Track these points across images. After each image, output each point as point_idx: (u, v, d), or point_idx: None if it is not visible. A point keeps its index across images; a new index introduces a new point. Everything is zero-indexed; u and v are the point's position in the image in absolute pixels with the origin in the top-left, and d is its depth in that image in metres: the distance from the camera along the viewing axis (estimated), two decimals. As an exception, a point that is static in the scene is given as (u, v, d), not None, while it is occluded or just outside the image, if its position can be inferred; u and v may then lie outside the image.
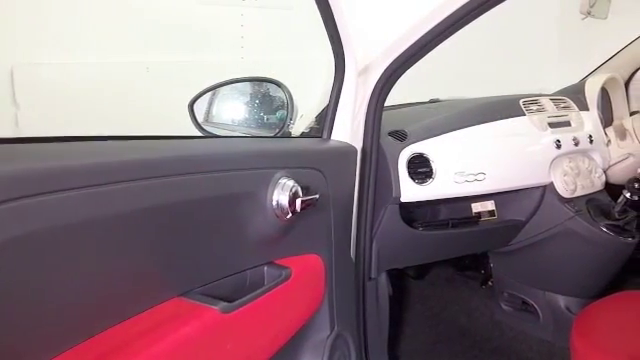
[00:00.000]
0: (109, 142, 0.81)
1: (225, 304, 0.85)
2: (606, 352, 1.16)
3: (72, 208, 0.65)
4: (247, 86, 1.36)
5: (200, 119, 1.27)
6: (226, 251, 0.92)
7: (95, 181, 0.68)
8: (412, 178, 1.43)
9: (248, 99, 1.35)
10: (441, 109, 1.71)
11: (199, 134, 1.24)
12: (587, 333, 1.25)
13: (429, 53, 1.22)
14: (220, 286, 0.91)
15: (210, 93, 1.30)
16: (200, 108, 1.28)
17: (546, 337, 1.88)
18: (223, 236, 0.90)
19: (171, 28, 2.49)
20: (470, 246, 1.81)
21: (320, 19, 1.10)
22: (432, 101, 2.01)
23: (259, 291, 0.93)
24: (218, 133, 1.27)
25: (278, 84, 1.30)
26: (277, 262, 1.03)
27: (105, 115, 2.15)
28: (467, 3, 1.08)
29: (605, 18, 1.65)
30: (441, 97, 2.04)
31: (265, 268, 1.01)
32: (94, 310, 0.72)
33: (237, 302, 0.88)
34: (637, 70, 1.97)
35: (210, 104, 1.31)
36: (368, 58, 1.26)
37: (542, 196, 1.70)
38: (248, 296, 0.90)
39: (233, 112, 1.36)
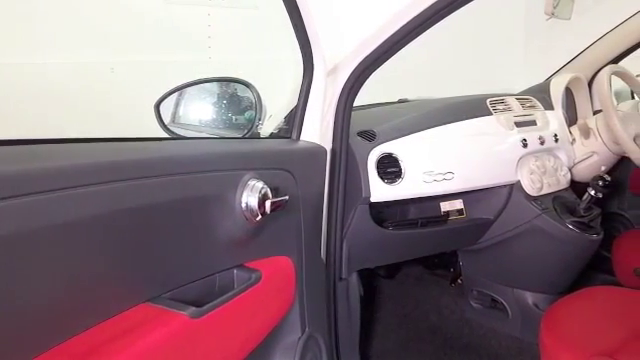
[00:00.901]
0: (71, 145, 0.79)
1: (194, 309, 0.83)
2: (574, 347, 1.17)
3: (34, 213, 0.63)
4: (215, 86, 1.34)
5: (167, 120, 1.25)
6: (194, 255, 0.90)
7: (58, 185, 0.66)
8: (381, 178, 1.43)
9: (216, 100, 1.33)
10: (409, 109, 1.71)
11: (165, 135, 1.22)
12: (555, 329, 1.27)
13: (397, 53, 1.22)
14: (189, 291, 0.90)
15: (177, 94, 1.28)
16: (166, 109, 1.26)
17: (515, 333, 1.90)
18: (191, 239, 0.88)
19: (137, 28, 2.46)
20: (439, 245, 1.82)
21: (288, 19, 1.09)
22: (401, 101, 2.02)
23: (229, 295, 0.92)
24: (185, 134, 1.25)
25: (246, 84, 1.28)
26: (247, 265, 1.02)
27: (68, 117, 2.10)
28: (435, 3, 1.08)
29: (569, 19, 1.67)
30: (409, 97, 2.05)
31: (235, 271, 1.00)
32: (57, 318, 0.69)
33: (206, 307, 0.86)
34: (600, 70, 2.00)
35: (177, 105, 1.29)
36: (337, 58, 1.25)
37: (509, 194, 1.72)
38: (217, 300, 0.89)
39: (200, 113, 1.34)
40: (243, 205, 0.94)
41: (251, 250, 1.03)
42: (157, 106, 1.23)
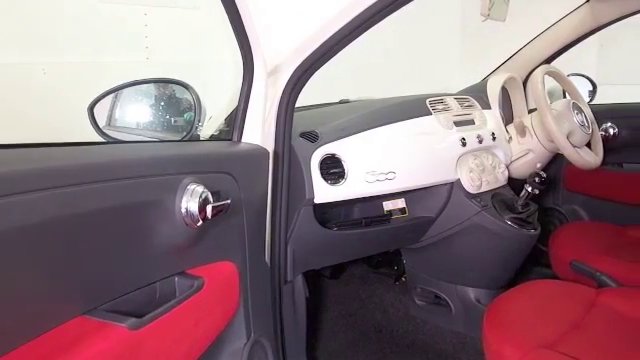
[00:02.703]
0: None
1: (134, 320, 0.80)
2: (516, 340, 1.20)
3: None
4: (152, 88, 1.31)
5: (102, 123, 1.20)
6: (133, 264, 0.86)
7: None
8: (325, 179, 1.43)
9: (153, 101, 1.30)
10: (351, 110, 1.72)
11: (101, 140, 1.18)
12: (497, 323, 1.30)
13: (338, 54, 1.22)
14: (128, 301, 0.86)
15: (112, 95, 1.23)
16: (101, 112, 1.22)
17: (459, 329, 1.94)
18: (129, 248, 0.85)
19: (70, 27, 2.37)
20: (383, 244, 1.83)
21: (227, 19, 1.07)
22: (342, 102, 2.03)
23: (170, 304, 0.89)
24: (121, 138, 1.21)
25: (185, 85, 1.26)
26: (188, 272, 0.99)
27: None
28: (375, 3, 1.08)
29: (504, 20, 1.72)
30: (350, 97, 2.06)
31: (176, 279, 0.97)
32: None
33: (147, 317, 0.83)
34: (534, 70, 2.07)
35: (112, 107, 1.25)
36: (277, 58, 1.24)
37: (450, 193, 1.75)
38: (158, 310, 0.86)
39: (137, 115, 1.30)
40: (183, 210, 0.91)
41: (193, 256, 1.00)
42: (91, 109, 1.19)
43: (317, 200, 1.42)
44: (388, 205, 1.72)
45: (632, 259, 1.66)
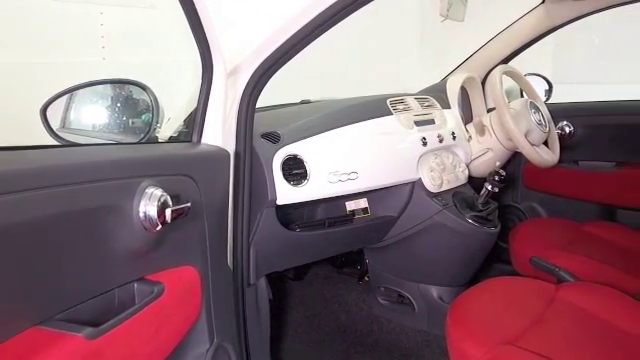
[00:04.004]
0: None
1: (91, 329, 0.77)
2: (479, 337, 1.21)
3: None
4: (108, 89, 1.27)
5: (55, 126, 1.16)
6: (89, 271, 0.83)
7: None
8: (287, 180, 1.42)
9: (110, 103, 1.26)
10: (313, 110, 1.71)
11: (54, 143, 1.14)
12: (460, 320, 1.31)
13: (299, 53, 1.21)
14: (85, 310, 0.83)
15: (66, 97, 1.19)
16: (55, 114, 1.17)
17: (422, 327, 1.96)
18: (85, 254, 0.82)
19: (21, 26, 2.29)
20: (346, 244, 1.83)
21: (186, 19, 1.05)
22: (303, 102, 2.02)
23: (129, 311, 0.86)
24: (76, 141, 1.17)
25: (142, 86, 1.23)
26: (148, 278, 0.96)
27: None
28: (335, 3, 1.08)
29: (462, 21, 1.74)
30: (312, 98, 2.05)
31: (135, 285, 0.94)
32: None
33: (104, 326, 0.80)
34: (492, 69, 2.10)
35: (67, 109, 1.21)
36: (237, 58, 1.22)
37: (411, 192, 1.76)
38: (117, 318, 0.83)
39: (93, 117, 1.26)
40: (141, 215, 0.89)
41: (152, 262, 0.98)
42: (43, 110, 1.15)
43: (279, 201, 1.41)
44: (351, 205, 1.72)
45: (589, 254, 1.70)
